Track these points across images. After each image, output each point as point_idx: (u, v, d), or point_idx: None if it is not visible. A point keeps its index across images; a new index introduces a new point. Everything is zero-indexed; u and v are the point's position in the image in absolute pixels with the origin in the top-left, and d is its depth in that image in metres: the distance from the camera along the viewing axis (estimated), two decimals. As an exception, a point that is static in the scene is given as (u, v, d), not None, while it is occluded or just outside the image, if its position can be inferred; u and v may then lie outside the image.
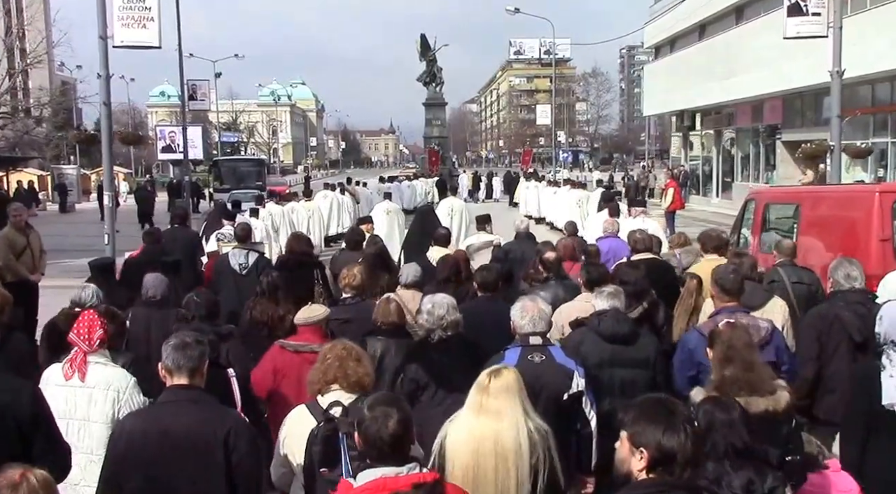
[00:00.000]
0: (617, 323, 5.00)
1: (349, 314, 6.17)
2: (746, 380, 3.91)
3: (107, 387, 4.28)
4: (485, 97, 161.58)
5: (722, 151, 38.00)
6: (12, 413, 3.56)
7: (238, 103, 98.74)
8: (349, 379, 4.01)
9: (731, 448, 3.26)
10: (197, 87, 33.43)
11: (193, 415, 3.61)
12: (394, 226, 16.51)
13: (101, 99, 13.76)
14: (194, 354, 3.69)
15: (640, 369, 4.93)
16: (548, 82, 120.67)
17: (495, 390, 3.53)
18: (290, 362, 5.05)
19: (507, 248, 9.68)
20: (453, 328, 4.98)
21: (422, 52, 53.79)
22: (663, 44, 43.69)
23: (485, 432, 3.49)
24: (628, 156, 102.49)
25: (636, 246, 7.82)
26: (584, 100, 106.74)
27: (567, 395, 4.41)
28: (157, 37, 13.62)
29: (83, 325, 4.36)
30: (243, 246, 8.87)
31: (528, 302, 4.73)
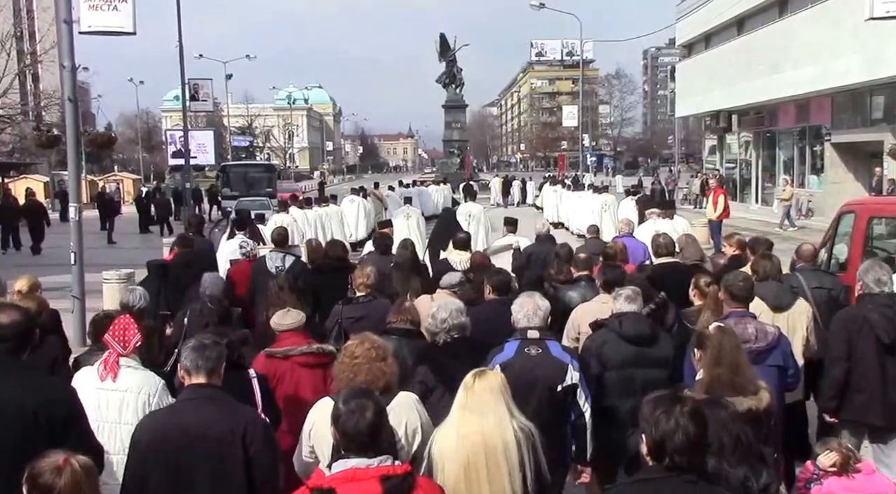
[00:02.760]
0: (639, 324, 5.10)
1: (362, 312, 6.31)
2: (733, 382, 4.04)
3: (138, 391, 4.38)
4: (505, 100, 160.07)
5: (762, 154, 35.59)
6: (46, 413, 3.62)
7: (254, 107, 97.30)
8: (378, 381, 4.02)
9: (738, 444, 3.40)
10: (199, 87, 31.57)
11: (211, 412, 3.70)
12: (414, 231, 15.96)
13: (65, 94, 11.75)
14: (212, 355, 3.80)
15: (660, 368, 5.02)
16: (570, 84, 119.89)
17: (479, 389, 3.62)
18: (280, 368, 5.06)
19: (529, 251, 9.74)
20: (458, 331, 5.06)
21: (441, 52, 52.28)
22: (697, 40, 41.39)
23: (471, 429, 3.56)
24: (653, 159, 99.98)
25: (658, 250, 7.88)
26: (607, 103, 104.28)
27: (561, 387, 4.55)
28: (130, 20, 11.64)
29: (119, 329, 4.46)
30: (280, 249, 9.11)
31: (526, 298, 4.92)
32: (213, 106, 40.07)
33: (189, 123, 67.74)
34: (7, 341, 3.78)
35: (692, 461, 3.02)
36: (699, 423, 3.02)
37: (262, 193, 33.74)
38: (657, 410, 3.07)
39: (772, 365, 4.98)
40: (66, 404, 3.76)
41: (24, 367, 3.85)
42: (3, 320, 3.81)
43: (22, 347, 3.85)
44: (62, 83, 11.71)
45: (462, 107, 54.12)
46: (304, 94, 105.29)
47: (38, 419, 3.62)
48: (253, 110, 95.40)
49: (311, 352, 5.14)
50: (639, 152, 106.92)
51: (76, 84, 11.48)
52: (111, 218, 27.69)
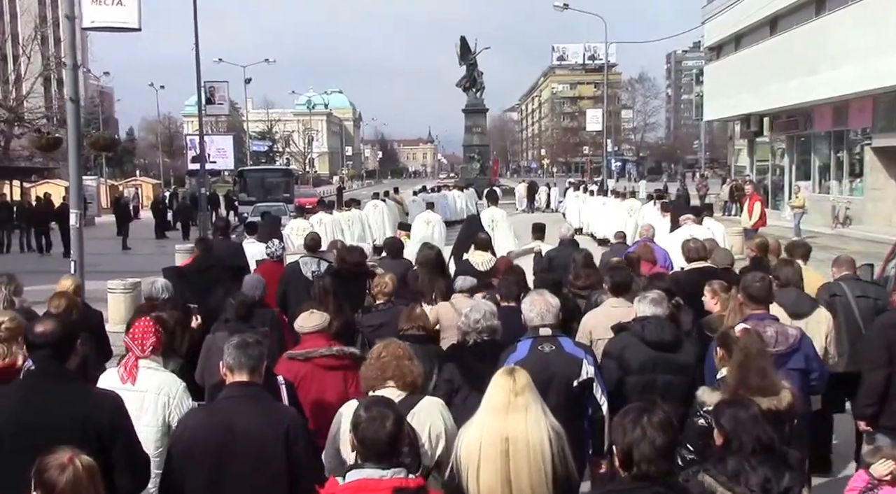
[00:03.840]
0: (661, 329, 5.02)
1: (381, 319, 6.34)
2: (760, 386, 4.05)
3: (158, 392, 4.40)
4: (526, 104, 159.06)
5: (795, 159, 34.40)
6: (93, 423, 3.60)
7: (274, 112, 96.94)
8: (405, 378, 4.10)
9: (758, 444, 3.35)
10: (215, 90, 30.88)
11: (254, 411, 3.69)
12: (434, 236, 15.81)
13: (68, 93, 10.98)
14: (254, 353, 3.82)
15: (681, 374, 4.95)
16: (592, 88, 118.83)
17: (521, 387, 3.59)
18: (303, 370, 5.05)
19: (551, 255, 9.75)
20: (489, 333, 5.09)
21: (461, 55, 51.37)
22: (726, 41, 40.24)
23: (510, 427, 3.52)
24: (676, 165, 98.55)
25: (689, 254, 7.80)
26: (630, 108, 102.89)
27: (577, 382, 4.57)
28: (135, 16, 10.83)
29: (138, 331, 4.53)
30: (314, 254, 9.15)
31: (537, 296, 4.94)
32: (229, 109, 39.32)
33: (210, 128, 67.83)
34: (47, 349, 3.74)
35: (660, 469, 3.02)
36: (667, 432, 3.04)
37: (280, 198, 33.09)
38: (625, 418, 3.11)
39: (793, 368, 4.88)
40: (112, 412, 3.73)
41: (69, 376, 3.82)
42: (42, 328, 3.77)
43: (64, 355, 3.79)
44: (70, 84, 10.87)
45: (482, 111, 53.12)
46: (323, 99, 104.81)
47: (86, 427, 3.59)
48: (273, 115, 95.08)
49: (332, 354, 5.10)
50: (662, 157, 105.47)
51: (79, 83, 10.72)
52: (126, 223, 27.05)
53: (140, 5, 10.82)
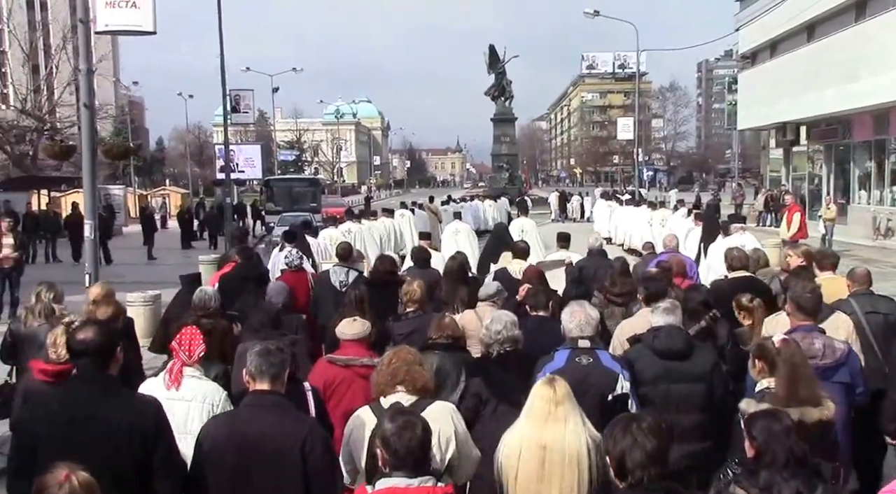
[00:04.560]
0: (671, 338, 4.95)
1: (411, 327, 6.39)
2: (806, 397, 4.03)
3: (202, 400, 4.44)
4: (555, 114, 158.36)
5: (833, 168, 33.40)
6: (138, 430, 3.62)
7: (302, 122, 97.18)
8: (416, 382, 4.13)
9: (790, 456, 3.28)
10: (240, 98, 30.64)
11: (273, 420, 3.72)
12: (463, 245, 15.46)
13: (81, 99, 10.61)
14: (276, 361, 3.85)
15: (696, 383, 4.86)
16: (622, 97, 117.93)
17: (560, 397, 3.63)
18: (340, 376, 5.11)
19: (581, 265, 9.73)
20: (511, 343, 5.09)
21: (490, 63, 51.13)
22: (761, 48, 39.35)
23: (549, 435, 3.57)
24: (707, 174, 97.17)
25: (732, 263, 7.76)
26: (661, 117, 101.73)
27: (612, 396, 4.53)
28: (150, 19, 10.47)
29: (185, 339, 4.58)
30: (344, 264, 9.17)
31: (577, 307, 4.91)
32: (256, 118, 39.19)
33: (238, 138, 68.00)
34: (91, 356, 3.74)
35: (653, 475, 3.02)
36: (658, 437, 3.07)
37: (307, 208, 32.75)
38: (615, 428, 3.16)
39: (838, 381, 4.81)
40: (155, 418, 3.74)
41: (111, 382, 3.82)
42: (83, 336, 3.77)
43: (106, 362, 3.79)
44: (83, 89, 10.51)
45: (511, 120, 52.77)
46: (352, 108, 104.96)
47: (131, 434, 3.61)
48: (301, 125, 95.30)
49: (372, 365, 5.01)
50: (693, 167, 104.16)
51: (92, 88, 10.39)
52: (152, 233, 26.86)
53: (155, 8, 10.47)
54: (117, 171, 53.51)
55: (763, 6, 37.70)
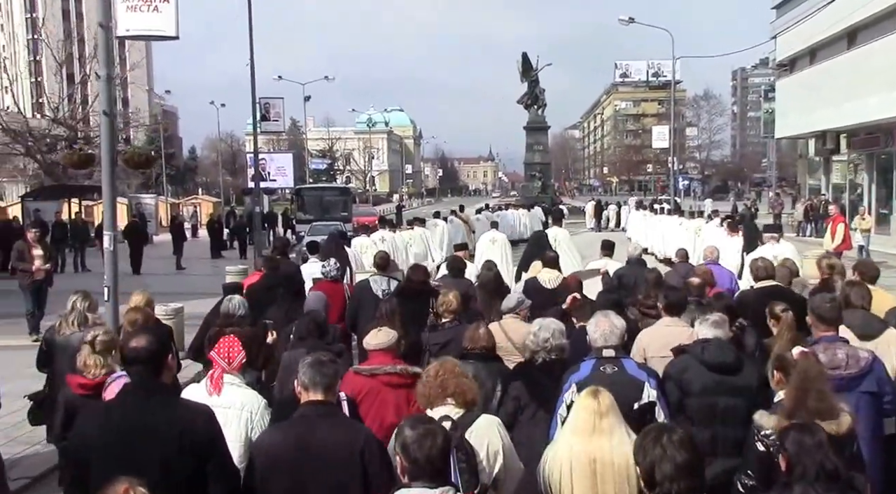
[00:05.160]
0: (722, 352, 4.96)
1: (447, 337, 6.44)
2: (818, 409, 3.97)
3: (241, 408, 4.50)
4: (588, 122, 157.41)
5: (875, 178, 32.42)
6: (190, 437, 3.65)
7: (334, 131, 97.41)
8: (465, 395, 4.12)
9: (822, 470, 3.24)
10: (270, 106, 30.53)
11: (330, 429, 3.76)
12: (499, 255, 15.54)
13: (101, 106, 10.35)
14: (329, 372, 3.92)
15: (742, 397, 4.82)
16: (656, 106, 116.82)
17: (605, 408, 3.62)
18: (367, 386, 5.13)
19: (619, 274, 9.69)
20: (557, 352, 5.15)
21: (523, 72, 50.72)
22: (800, 56, 38.47)
23: (602, 451, 3.55)
24: (743, 183, 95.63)
25: (758, 273, 7.78)
26: (695, 125, 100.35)
27: (638, 405, 4.50)
28: (173, 24, 10.19)
29: (224, 346, 4.67)
30: (384, 273, 9.29)
31: (602, 317, 4.94)
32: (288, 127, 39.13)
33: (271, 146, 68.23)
34: (144, 363, 3.76)
35: (682, 489, 3.01)
36: (688, 450, 3.08)
37: (337, 217, 32.53)
38: (645, 438, 3.18)
39: (865, 391, 4.77)
40: (207, 424, 3.76)
41: (164, 389, 3.84)
42: (136, 343, 3.81)
43: (158, 369, 3.81)
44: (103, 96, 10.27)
45: (544, 128, 52.27)
46: (384, 117, 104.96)
47: (183, 440, 3.63)
48: (334, 133, 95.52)
49: (396, 373, 5.14)
50: (727, 176, 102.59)
51: (112, 95, 10.08)
52: (181, 242, 26.76)
53: (177, 12, 10.18)
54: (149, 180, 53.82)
55: (801, 13, 36.84)
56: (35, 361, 6.88)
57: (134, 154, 17.13)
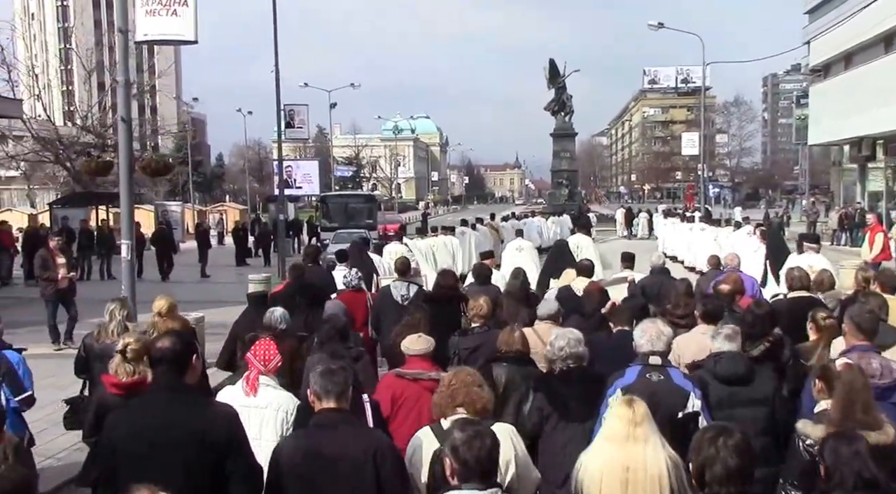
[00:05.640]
0: (733, 364, 4.97)
1: (477, 342, 6.53)
2: (864, 421, 3.95)
3: (277, 408, 4.63)
4: (615, 129, 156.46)
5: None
6: (211, 437, 3.71)
7: (361, 138, 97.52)
8: (475, 404, 4.16)
9: (859, 480, 3.23)
10: (295, 113, 30.38)
11: (343, 436, 3.80)
12: (526, 263, 15.23)
13: (119, 113, 10.16)
14: (339, 379, 3.93)
15: (759, 407, 4.86)
16: (685, 112, 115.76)
17: (640, 417, 3.58)
18: (409, 390, 5.20)
19: (643, 283, 9.67)
20: (575, 360, 5.15)
21: (550, 78, 50.21)
22: (834, 61, 37.77)
23: (635, 459, 3.53)
24: (774, 191, 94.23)
25: (792, 283, 7.79)
26: (725, 132, 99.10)
27: (682, 414, 4.50)
28: (192, 28, 9.96)
29: (261, 349, 4.77)
30: (404, 278, 9.41)
31: (649, 323, 4.98)
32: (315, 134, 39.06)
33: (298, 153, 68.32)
34: (168, 363, 3.83)
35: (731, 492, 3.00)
36: (741, 456, 3.05)
37: (362, 225, 32.30)
38: (703, 436, 3.20)
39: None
40: (228, 425, 3.82)
41: (186, 390, 3.90)
42: (160, 344, 3.90)
43: (182, 370, 3.87)
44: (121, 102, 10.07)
45: (571, 135, 51.67)
46: (410, 124, 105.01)
47: (204, 440, 3.68)
48: (360, 140, 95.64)
49: (438, 379, 5.05)
50: (758, 183, 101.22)
51: (129, 101, 9.94)
52: (206, 250, 26.63)
53: (196, 16, 9.96)
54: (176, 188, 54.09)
55: (836, 18, 36.23)
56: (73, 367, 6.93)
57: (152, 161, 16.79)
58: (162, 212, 39.36)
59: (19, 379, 5.89)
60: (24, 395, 5.91)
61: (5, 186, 64.51)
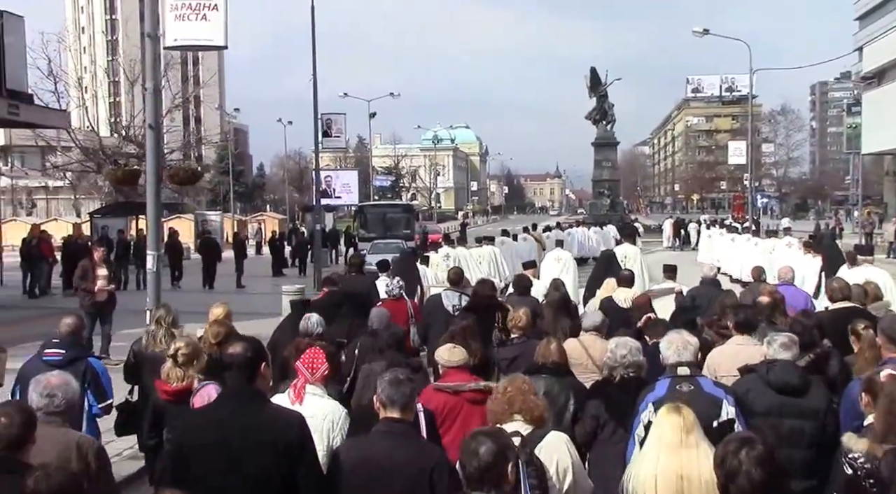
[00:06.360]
0: (787, 373, 4.88)
1: (516, 352, 6.59)
2: None
3: (323, 418, 4.68)
4: (658, 138, 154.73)
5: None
6: (284, 443, 3.78)
7: (400, 147, 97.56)
8: (532, 412, 4.18)
9: None
10: (332, 122, 30.18)
11: (404, 448, 3.83)
12: (564, 273, 15.19)
13: (147, 120, 9.86)
14: (406, 391, 3.97)
15: (809, 420, 4.78)
16: (730, 121, 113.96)
17: (690, 424, 3.59)
18: (451, 402, 5.16)
19: (693, 294, 9.62)
20: (635, 369, 5.18)
21: (591, 87, 49.66)
22: (890, 66, 36.59)
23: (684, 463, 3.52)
24: (823, 202, 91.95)
25: (833, 294, 7.72)
26: (772, 141, 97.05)
27: (717, 423, 4.46)
28: (222, 32, 9.65)
29: (309, 358, 4.86)
30: (455, 288, 9.52)
31: (674, 335, 4.94)
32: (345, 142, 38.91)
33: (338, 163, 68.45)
34: (238, 369, 3.92)
35: None
36: (766, 468, 3.00)
37: (400, 235, 31.93)
38: (726, 448, 3.11)
39: None
40: (300, 431, 3.89)
41: (257, 396, 3.96)
42: (231, 350, 4.02)
43: (252, 376, 3.93)
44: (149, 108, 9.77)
45: (613, 144, 51.02)
46: (450, 134, 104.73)
47: (278, 446, 3.75)
48: (400, 150, 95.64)
49: (479, 389, 5.20)
50: (806, 193, 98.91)
51: (158, 108, 9.63)
52: (241, 260, 26.44)
53: (226, 21, 9.64)
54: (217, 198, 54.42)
55: (889, 24, 35.11)
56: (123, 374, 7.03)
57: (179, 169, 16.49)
58: (201, 221, 39.46)
59: (103, 387, 6.09)
60: (107, 403, 6.12)
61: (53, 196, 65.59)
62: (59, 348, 6.03)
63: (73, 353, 6.01)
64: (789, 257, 16.56)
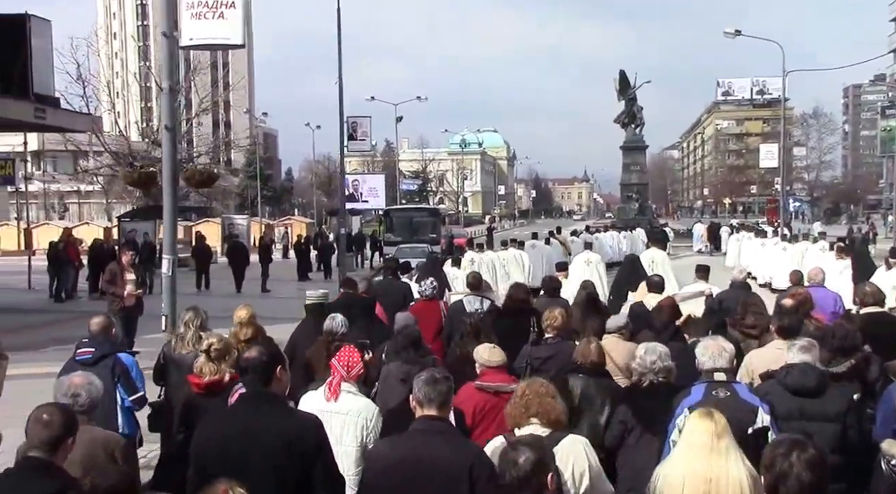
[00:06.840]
0: (804, 376, 4.87)
1: (550, 352, 6.63)
2: None
3: (357, 415, 4.74)
4: (688, 142, 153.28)
5: None
6: (300, 446, 3.83)
7: (428, 151, 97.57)
8: (549, 415, 4.19)
9: None
10: (357, 125, 30.06)
11: (442, 445, 3.85)
12: (593, 276, 15.27)
13: (163, 121, 9.72)
14: (443, 389, 3.99)
15: (830, 422, 4.75)
16: (760, 124, 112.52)
17: (721, 429, 3.55)
18: (490, 402, 5.19)
19: (721, 297, 9.64)
20: (665, 374, 5.15)
21: (620, 90, 49.18)
22: (926, 68, 35.58)
23: (718, 472, 3.49)
24: (856, 206, 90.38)
25: (864, 299, 7.67)
26: (803, 145, 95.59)
27: (751, 430, 4.45)
28: (239, 31, 9.49)
29: (345, 355, 4.89)
30: (477, 292, 9.57)
31: (710, 340, 4.97)
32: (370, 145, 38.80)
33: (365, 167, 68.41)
34: (253, 373, 4.01)
35: None
36: (816, 471, 2.99)
37: (426, 239, 31.71)
38: (776, 450, 3.11)
39: None
40: (316, 433, 3.93)
41: (274, 398, 4.03)
42: (247, 354, 4.14)
43: (269, 379, 4.00)
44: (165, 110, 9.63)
45: (642, 148, 50.44)
46: (477, 138, 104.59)
47: (292, 449, 3.79)
48: (427, 154, 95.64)
49: None
50: (839, 198, 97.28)
51: (174, 109, 9.51)
52: (266, 264, 26.36)
53: (244, 20, 9.48)
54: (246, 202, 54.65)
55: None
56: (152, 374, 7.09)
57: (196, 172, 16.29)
58: (228, 225, 39.55)
59: (132, 381, 6.18)
60: (137, 395, 6.20)
61: (85, 200, 66.37)
62: (89, 346, 6.17)
63: (102, 350, 6.15)
64: (821, 261, 16.24)
